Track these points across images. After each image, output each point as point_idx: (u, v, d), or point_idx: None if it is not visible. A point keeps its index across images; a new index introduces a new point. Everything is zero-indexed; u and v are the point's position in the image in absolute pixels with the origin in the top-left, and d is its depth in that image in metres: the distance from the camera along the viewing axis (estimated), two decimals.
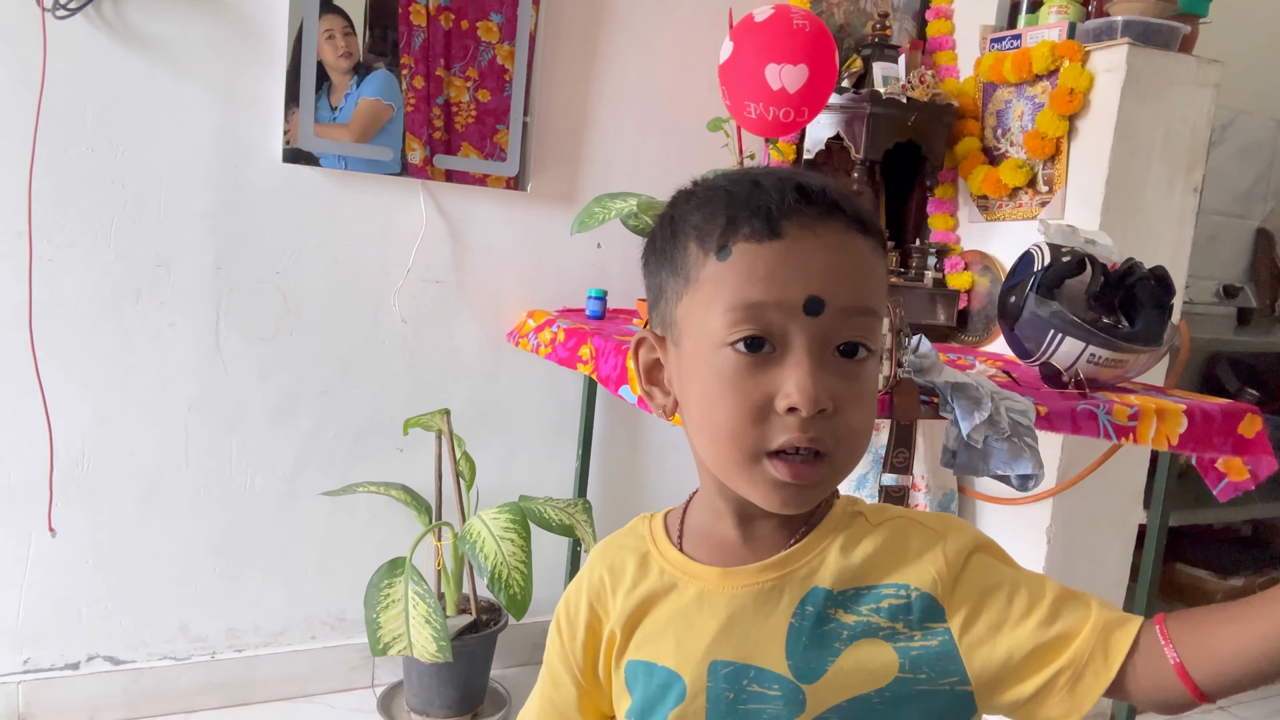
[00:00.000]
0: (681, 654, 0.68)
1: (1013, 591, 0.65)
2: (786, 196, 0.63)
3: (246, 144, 1.83)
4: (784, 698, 0.65)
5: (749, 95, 1.79)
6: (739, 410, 0.63)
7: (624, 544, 0.76)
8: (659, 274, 0.70)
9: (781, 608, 0.67)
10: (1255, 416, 1.60)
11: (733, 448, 0.64)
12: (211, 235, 1.83)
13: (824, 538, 0.68)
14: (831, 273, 0.63)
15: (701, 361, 0.65)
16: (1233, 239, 3.13)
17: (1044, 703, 0.63)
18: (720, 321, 0.63)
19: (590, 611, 0.74)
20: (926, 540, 0.67)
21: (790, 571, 0.67)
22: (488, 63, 1.98)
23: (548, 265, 2.12)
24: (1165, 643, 0.61)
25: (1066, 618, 0.63)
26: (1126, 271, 1.62)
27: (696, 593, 0.69)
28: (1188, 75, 1.93)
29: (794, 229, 0.63)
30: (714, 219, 0.65)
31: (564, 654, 0.76)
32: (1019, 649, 0.63)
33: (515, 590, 1.72)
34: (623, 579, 0.73)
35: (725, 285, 0.63)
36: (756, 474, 0.64)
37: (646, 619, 0.71)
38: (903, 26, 2.34)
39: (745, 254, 0.63)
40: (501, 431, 2.13)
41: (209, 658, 1.94)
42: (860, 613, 0.65)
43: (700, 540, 0.72)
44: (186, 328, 1.84)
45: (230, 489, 1.91)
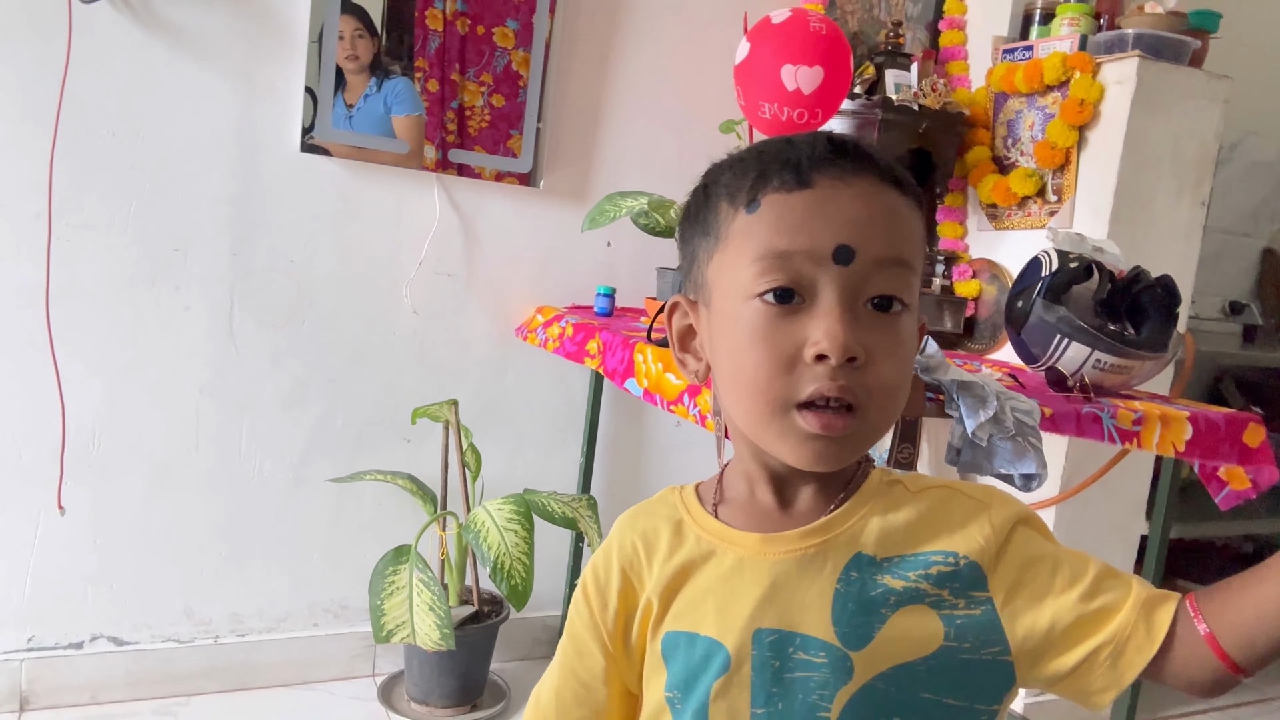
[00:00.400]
0: (724, 622, 0.66)
1: (1055, 565, 0.65)
2: (818, 149, 0.63)
3: (265, 133, 1.85)
4: (831, 665, 0.63)
5: (764, 95, 1.81)
6: (767, 360, 0.62)
7: (655, 511, 0.74)
8: (692, 240, 0.69)
9: (826, 573, 0.65)
10: (1259, 426, 1.61)
11: (761, 400, 0.62)
12: (228, 222, 1.85)
13: (863, 504, 0.67)
14: (863, 222, 0.62)
15: (731, 317, 0.64)
16: (1239, 257, 3.14)
17: (1085, 676, 0.63)
18: (749, 273, 0.62)
19: (623, 579, 0.72)
20: (971, 509, 0.67)
21: (833, 536, 0.66)
22: (503, 68, 2.01)
23: (558, 261, 2.14)
24: (1196, 616, 0.61)
25: (1109, 593, 0.64)
26: (1133, 279, 1.63)
27: (736, 559, 0.67)
28: (1197, 89, 1.95)
29: (824, 179, 0.62)
30: (744, 175, 0.65)
31: (593, 623, 0.73)
32: (1061, 621, 0.63)
33: (517, 581, 1.73)
34: (657, 546, 0.71)
35: (754, 236, 0.63)
36: (786, 427, 0.62)
37: (685, 587, 0.69)
38: (916, 35, 2.37)
39: (774, 204, 0.63)
40: (508, 425, 2.14)
41: (212, 641, 1.95)
42: (908, 578, 0.64)
43: (737, 508, 0.70)
44: (201, 312, 1.86)
45: (238, 474, 1.93)
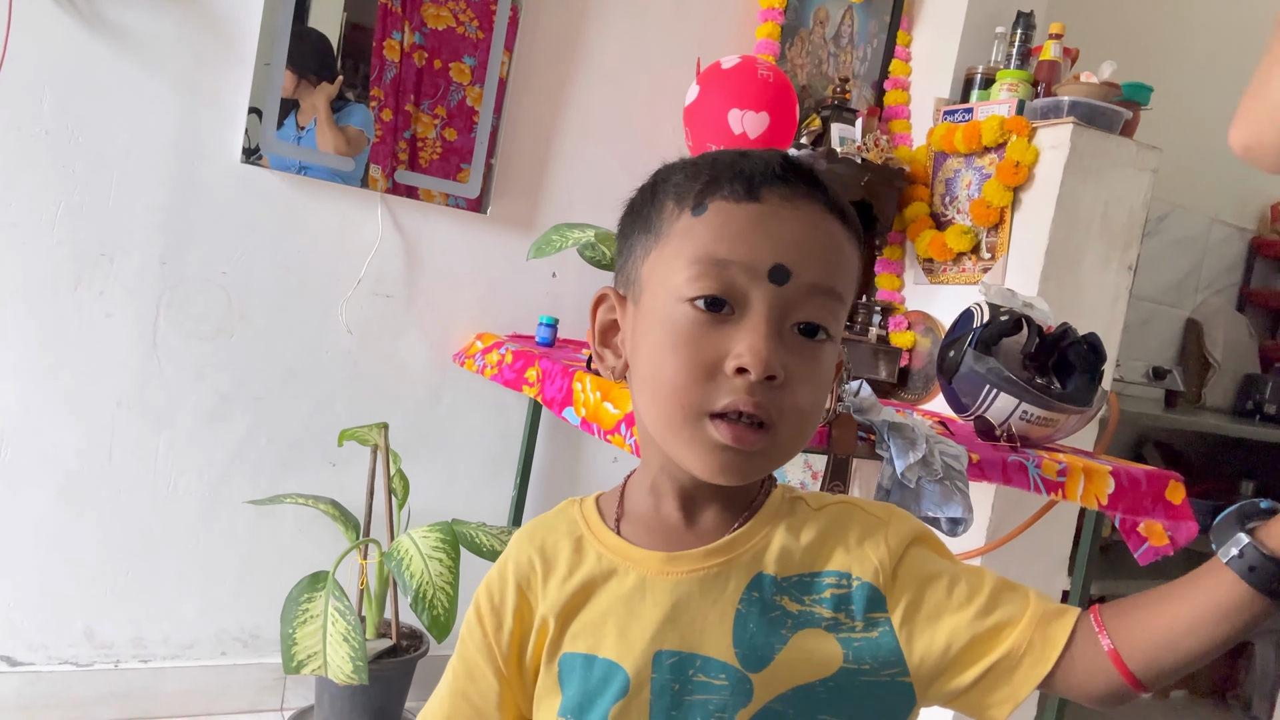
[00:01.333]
0: (624, 644, 0.65)
1: (952, 582, 0.65)
2: (772, 166, 0.64)
3: (206, 142, 1.81)
4: (731, 687, 0.63)
5: (711, 138, 1.84)
6: (688, 365, 0.61)
7: (555, 526, 0.72)
8: (631, 235, 0.69)
9: (728, 593, 0.65)
10: (1179, 484, 1.65)
11: (675, 404, 0.62)
12: (160, 229, 1.80)
13: (765, 523, 0.67)
14: (803, 246, 0.62)
15: (658, 317, 0.64)
16: (1164, 326, 3.26)
17: (983, 692, 0.64)
18: (683, 275, 0.62)
19: (519, 597, 0.69)
20: (869, 527, 0.67)
21: (736, 556, 0.66)
22: (457, 103, 2.01)
23: (501, 289, 2.12)
24: (1100, 630, 0.62)
25: (1005, 608, 0.64)
26: (1061, 335, 1.68)
27: (638, 579, 0.66)
28: (1128, 158, 2.03)
29: (773, 197, 0.63)
30: (695, 178, 0.65)
31: (486, 645, 0.70)
32: (958, 639, 0.63)
33: (439, 611, 1.68)
34: (556, 564, 0.69)
35: (695, 238, 0.63)
36: (697, 435, 0.62)
37: (585, 608, 0.67)
38: (861, 93, 2.43)
39: (720, 211, 0.63)
40: (440, 453, 2.10)
41: (112, 666, 1.85)
42: (804, 602, 0.65)
43: (640, 524, 0.69)
44: (124, 320, 1.80)
45: (153, 491, 1.85)
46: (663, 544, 0.67)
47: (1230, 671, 3.08)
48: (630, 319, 0.68)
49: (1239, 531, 0.59)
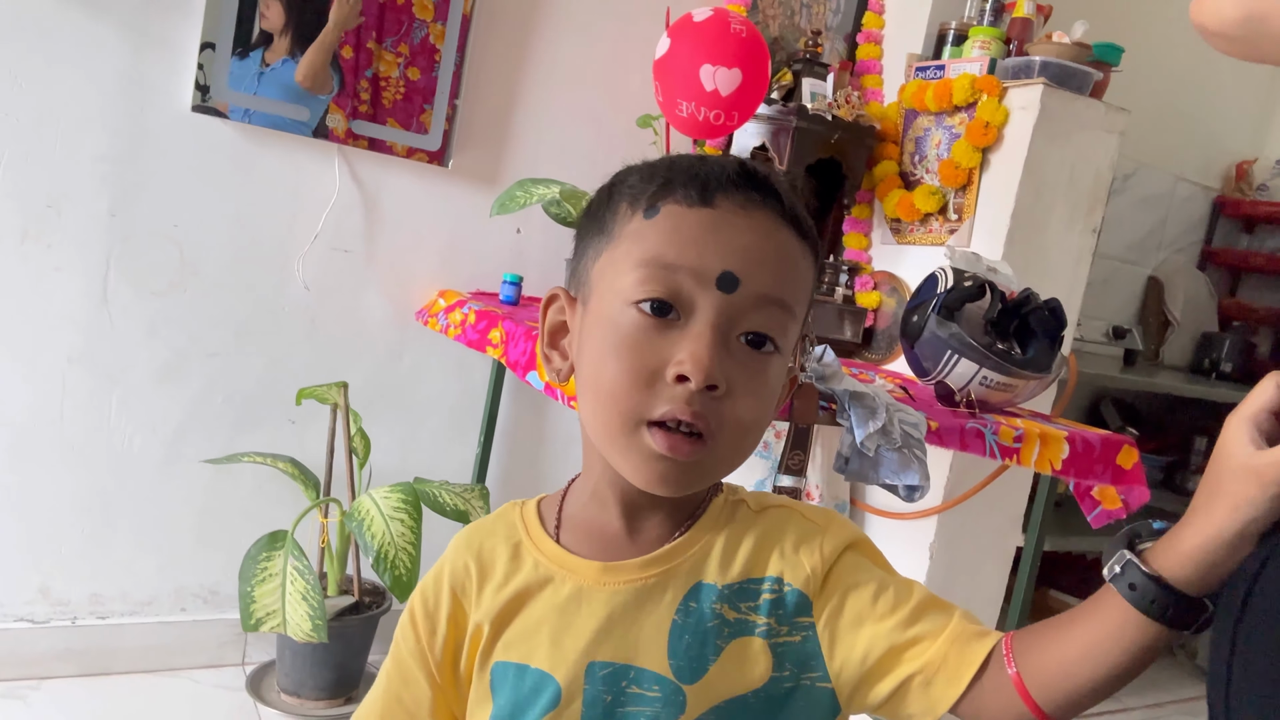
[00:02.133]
0: (557, 654, 0.64)
1: (880, 590, 0.64)
2: (728, 171, 0.62)
3: (155, 89, 1.75)
4: (664, 699, 0.63)
5: (682, 94, 1.80)
6: (629, 371, 0.60)
7: (493, 530, 0.70)
8: (586, 235, 0.67)
9: (665, 604, 0.64)
10: (1132, 449, 1.68)
11: (614, 410, 0.61)
12: (108, 180, 1.74)
13: (707, 530, 0.66)
14: (754, 255, 0.61)
15: (604, 319, 0.62)
16: (1125, 284, 3.29)
17: (900, 704, 0.63)
18: (631, 278, 0.61)
19: (453, 603, 0.68)
20: (805, 533, 0.66)
21: (674, 566, 0.65)
22: (420, 40, 1.94)
23: (464, 245, 2.09)
24: (1007, 655, 0.60)
25: (926, 622, 0.63)
26: (1023, 301, 1.68)
27: (574, 588, 0.65)
28: (1096, 120, 2.02)
29: (727, 203, 0.61)
30: (650, 181, 0.63)
31: (420, 650, 0.69)
32: (876, 647, 0.62)
33: (401, 572, 1.68)
34: (492, 571, 0.68)
35: (644, 241, 0.61)
36: (634, 443, 0.61)
37: (518, 617, 0.66)
38: (834, 46, 2.39)
39: (672, 215, 0.61)
40: (401, 411, 2.08)
41: (69, 623, 1.84)
42: (741, 609, 0.64)
43: (580, 531, 0.68)
44: (74, 274, 1.74)
45: (106, 448, 1.82)
46: (602, 553, 0.66)
47: None
48: (579, 321, 0.66)
49: (1124, 549, 0.58)
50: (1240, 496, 0.54)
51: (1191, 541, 0.56)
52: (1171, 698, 2.79)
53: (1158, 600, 0.56)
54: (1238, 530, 0.55)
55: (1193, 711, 2.74)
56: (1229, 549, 0.55)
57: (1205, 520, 0.56)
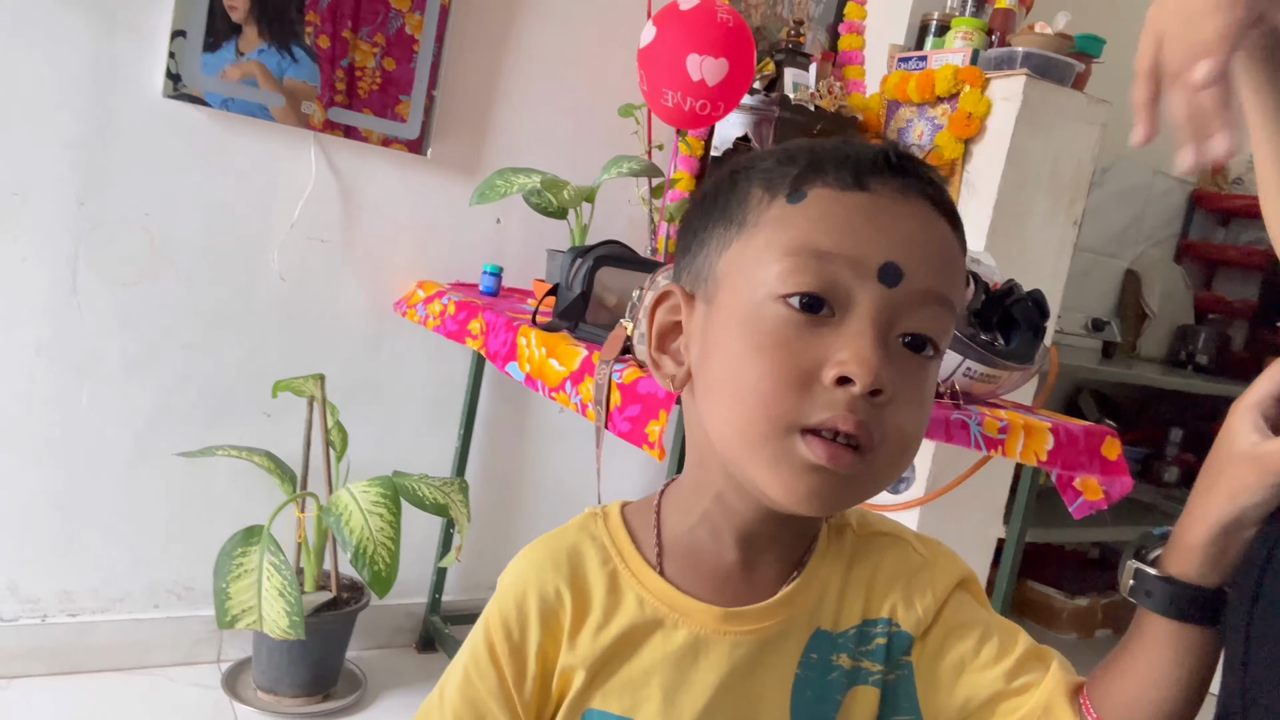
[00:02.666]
0: (671, 712, 0.57)
1: (985, 636, 0.61)
2: (879, 155, 0.55)
3: (126, 75, 1.70)
4: None
5: (668, 83, 1.77)
6: (779, 371, 0.52)
7: (582, 551, 0.61)
8: (704, 226, 0.59)
9: (788, 655, 0.58)
10: (1115, 440, 1.68)
11: (762, 416, 0.52)
12: (77, 167, 1.70)
13: (821, 565, 0.61)
14: (917, 246, 0.54)
15: (740, 316, 0.54)
16: (1104, 277, 3.31)
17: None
18: (776, 269, 0.53)
19: (544, 635, 0.59)
20: (916, 569, 0.62)
21: (796, 611, 0.59)
22: (396, 31, 1.91)
23: (443, 235, 2.05)
24: (1085, 706, 0.59)
25: (1029, 675, 0.60)
26: (1007, 292, 1.68)
27: (690, 637, 0.58)
28: (1078, 112, 2.02)
29: (883, 188, 0.54)
30: (790, 164, 0.56)
31: (503, 692, 0.59)
32: (977, 695, 0.60)
33: (380, 567, 1.65)
34: (590, 606, 0.59)
35: (791, 228, 0.54)
36: (784, 451, 0.52)
37: (623, 663, 0.58)
38: (816, 36, 2.38)
39: (822, 199, 0.54)
40: (379, 404, 2.05)
41: (39, 621, 1.80)
42: (856, 656, 0.60)
43: (687, 564, 0.60)
44: (41, 264, 1.70)
45: (77, 442, 1.78)
46: (715, 593, 0.59)
47: None
48: (699, 320, 0.58)
49: (1131, 560, 0.58)
50: (1239, 483, 0.54)
51: (1192, 532, 0.56)
52: None
53: (1175, 600, 0.55)
54: (1235, 517, 0.54)
55: None
56: (1229, 536, 0.55)
57: (1203, 509, 0.56)
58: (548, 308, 1.62)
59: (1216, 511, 0.55)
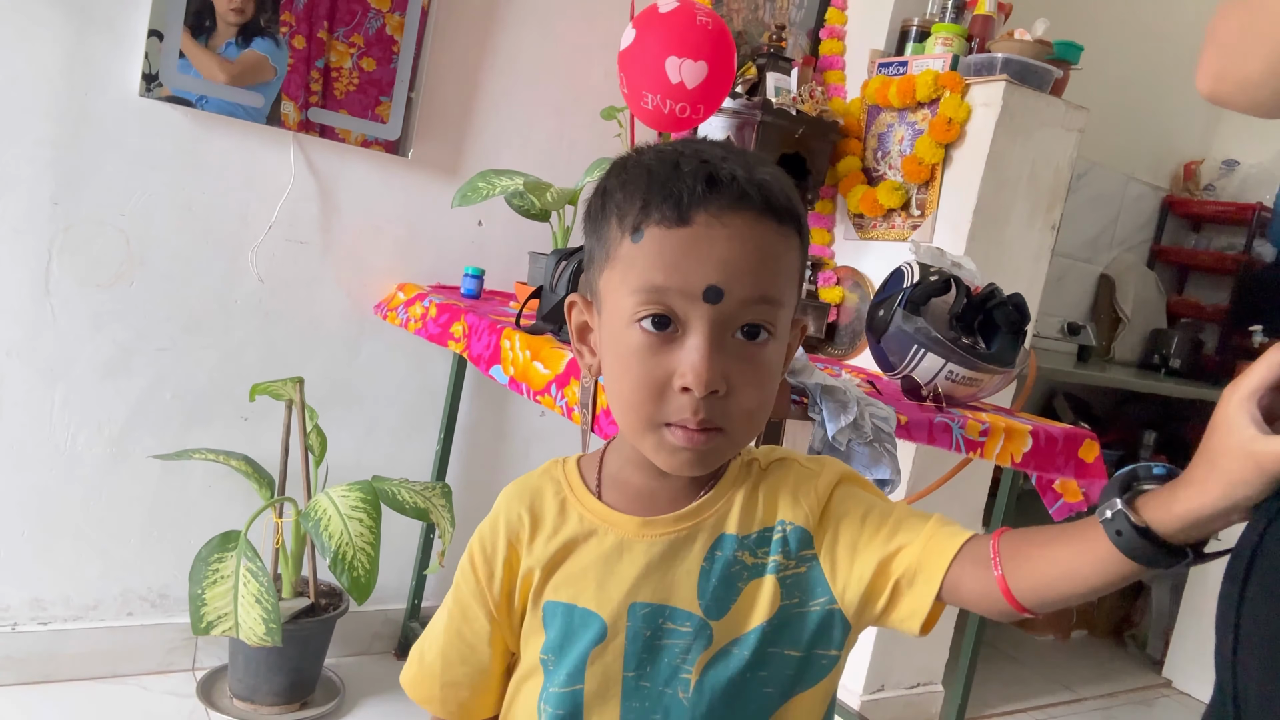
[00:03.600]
0: (602, 596, 0.73)
1: (867, 513, 0.73)
2: (698, 185, 0.67)
3: (101, 73, 1.68)
4: (694, 633, 0.72)
5: (647, 86, 1.77)
6: (641, 385, 0.68)
7: (541, 486, 0.79)
8: (590, 240, 0.74)
9: (694, 553, 0.73)
10: (1093, 443, 1.70)
11: (634, 416, 0.69)
12: (50, 166, 1.66)
13: (727, 489, 0.75)
14: (734, 263, 0.66)
15: (615, 335, 0.70)
16: (1078, 281, 3.35)
17: (895, 607, 0.71)
18: (630, 301, 0.68)
19: (509, 549, 0.77)
20: (802, 478, 0.76)
21: (701, 520, 0.74)
22: (375, 31, 1.90)
23: (424, 238, 2.04)
24: (994, 557, 0.67)
25: (905, 533, 0.71)
26: (988, 296, 1.69)
27: (616, 540, 0.74)
28: (1056, 118, 2.04)
29: (703, 217, 0.66)
30: (633, 199, 0.69)
31: (479, 590, 0.78)
32: (868, 565, 0.71)
33: (359, 573, 1.63)
34: (543, 523, 0.76)
35: (635, 267, 0.68)
36: (657, 439, 0.69)
37: (566, 562, 0.75)
38: (797, 41, 2.39)
39: (655, 238, 0.67)
40: (358, 407, 2.03)
41: (9, 629, 1.76)
42: (758, 554, 0.74)
43: (619, 490, 0.77)
44: (13, 265, 1.67)
45: (48, 446, 1.75)
46: (639, 509, 0.75)
47: (1127, 613, 3.24)
48: (597, 325, 0.74)
49: (1118, 495, 0.62)
50: (1236, 476, 0.56)
51: (1184, 505, 0.59)
52: (1124, 687, 2.84)
53: (1140, 549, 0.60)
54: (1231, 505, 0.57)
55: (1144, 700, 2.79)
56: (1220, 519, 0.58)
57: (1200, 491, 0.58)
58: (531, 310, 1.61)
59: (1213, 498, 0.57)
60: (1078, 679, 2.82)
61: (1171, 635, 2.95)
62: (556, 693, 0.74)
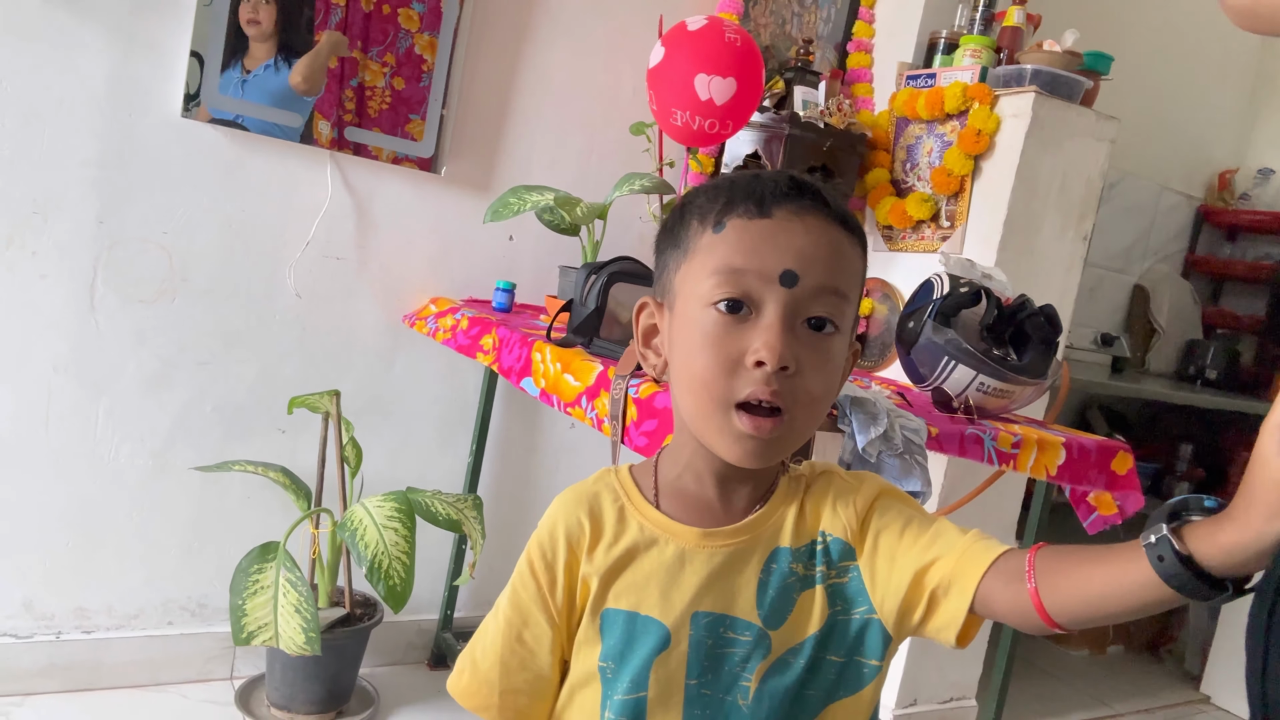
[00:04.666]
0: (665, 604, 0.75)
1: (905, 525, 0.75)
2: (780, 186, 0.73)
3: (144, 94, 1.73)
4: (754, 642, 0.75)
5: (676, 102, 1.79)
6: (715, 362, 0.71)
7: (599, 494, 0.80)
8: (665, 251, 0.79)
9: (752, 565, 0.76)
10: (1127, 455, 1.68)
11: (706, 396, 0.72)
12: (96, 186, 1.71)
13: (780, 504, 0.79)
14: (809, 253, 0.71)
15: (690, 320, 0.73)
16: (1112, 292, 3.32)
17: (930, 618, 0.73)
18: (708, 284, 0.72)
19: (569, 554, 0.78)
20: (843, 491, 0.79)
21: (758, 534, 0.77)
22: (406, 51, 1.93)
23: (456, 252, 2.07)
24: (1028, 570, 0.68)
25: (942, 544, 0.73)
26: (1019, 307, 1.68)
27: (678, 550, 0.76)
28: (1087, 128, 2.03)
29: (782, 212, 0.72)
30: (715, 200, 0.75)
31: (540, 596, 0.79)
32: (905, 576, 0.73)
33: (395, 581, 1.66)
34: (603, 530, 0.78)
35: (716, 253, 0.72)
36: (724, 424, 0.71)
37: (627, 571, 0.77)
38: (825, 55, 2.40)
39: (736, 228, 0.72)
40: (392, 420, 2.06)
41: (53, 638, 1.80)
42: (809, 565, 0.77)
43: (677, 499, 0.79)
44: (60, 282, 1.72)
45: (93, 458, 1.79)
46: (699, 520, 0.77)
47: (1164, 627, 3.19)
48: (667, 324, 0.78)
49: (1164, 523, 0.62)
50: (1271, 508, 0.57)
51: (1230, 538, 0.59)
52: (1161, 703, 2.79)
53: (1180, 577, 0.60)
54: (1264, 536, 0.57)
55: (1182, 716, 2.75)
56: (1262, 556, 0.58)
57: (1244, 524, 0.58)
58: (561, 324, 1.63)
59: (1256, 530, 0.57)
60: (1114, 694, 2.79)
61: (1209, 650, 2.91)
62: (620, 700, 0.75)
